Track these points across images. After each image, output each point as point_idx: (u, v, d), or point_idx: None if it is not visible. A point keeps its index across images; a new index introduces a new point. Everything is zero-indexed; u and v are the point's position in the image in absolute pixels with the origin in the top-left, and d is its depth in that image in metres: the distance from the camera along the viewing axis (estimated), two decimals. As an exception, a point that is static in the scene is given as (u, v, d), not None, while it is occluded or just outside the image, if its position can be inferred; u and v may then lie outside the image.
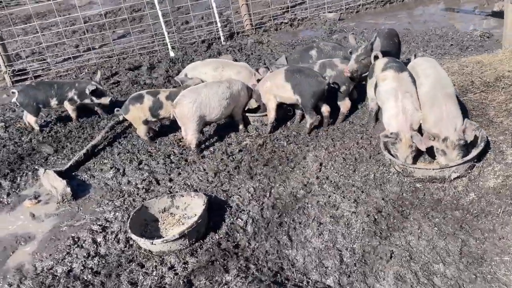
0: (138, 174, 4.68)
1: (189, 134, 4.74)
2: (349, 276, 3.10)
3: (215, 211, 3.85)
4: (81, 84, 5.87)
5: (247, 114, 5.16)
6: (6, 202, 4.61)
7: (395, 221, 3.43)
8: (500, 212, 3.26)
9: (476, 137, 3.73)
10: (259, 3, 10.19)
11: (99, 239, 3.81)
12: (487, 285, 2.81)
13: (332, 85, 4.73)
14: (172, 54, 8.25)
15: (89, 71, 8.11)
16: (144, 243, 3.44)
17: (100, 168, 4.90)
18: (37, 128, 5.87)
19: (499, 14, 7.70)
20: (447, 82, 3.84)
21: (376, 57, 4.45)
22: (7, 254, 3.85)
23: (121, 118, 5.27)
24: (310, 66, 4.94)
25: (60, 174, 4.63)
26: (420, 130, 3.86)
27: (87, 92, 5.74)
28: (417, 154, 3.89)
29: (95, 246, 3.73)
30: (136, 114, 5.01)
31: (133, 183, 4.54)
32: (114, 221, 4.00)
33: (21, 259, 3.77)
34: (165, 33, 8.21)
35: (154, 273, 3.31)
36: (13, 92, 5.77)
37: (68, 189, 4.39)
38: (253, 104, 5.31)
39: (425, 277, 2.94)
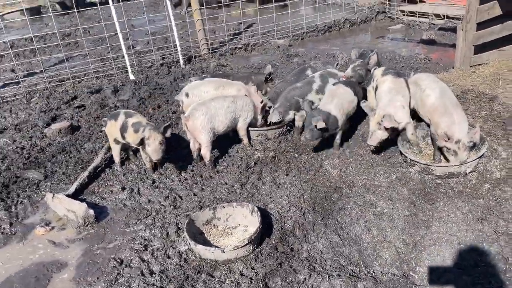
0: (157, 192, 4.59)
1: (203, 147, 4.80)
2: (408, 263, 3.45)
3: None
4: (257, 76, 5.88)
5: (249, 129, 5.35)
6: (10, 232, 4.22)
7: (430, 212, 3.89)
8: (516, 197, 3.90)
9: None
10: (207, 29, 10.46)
11: (146, 257, 3.70)
12: (527, 256, 3.36)
13: None
14: (132, 77, 8.11)
15: (42, 96, 7.62)
16: (213, 252, 3.44)
17: (110, 190, 4.71)
18: None
19: (428, 42, 8.95)
20: (451, 93, 4.46)
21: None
22: (43, 284, 3.55)
23: None
24: (310, 79, 5.34)
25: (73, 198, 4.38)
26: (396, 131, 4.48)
27: (264, 79, 5.89)
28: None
29: (147, 264, 3.61)
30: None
31: (155, 201, 4.45)
32: (154, 239, 3.91)
33: (62, 287, 3.50)
34: (126, 56, 8.06)
35: (227, 280, 3.34)
36: (190, 80, 5.64)
37: (91, 212, 4.16)
38: None
39: (476, 255, 3.41)
